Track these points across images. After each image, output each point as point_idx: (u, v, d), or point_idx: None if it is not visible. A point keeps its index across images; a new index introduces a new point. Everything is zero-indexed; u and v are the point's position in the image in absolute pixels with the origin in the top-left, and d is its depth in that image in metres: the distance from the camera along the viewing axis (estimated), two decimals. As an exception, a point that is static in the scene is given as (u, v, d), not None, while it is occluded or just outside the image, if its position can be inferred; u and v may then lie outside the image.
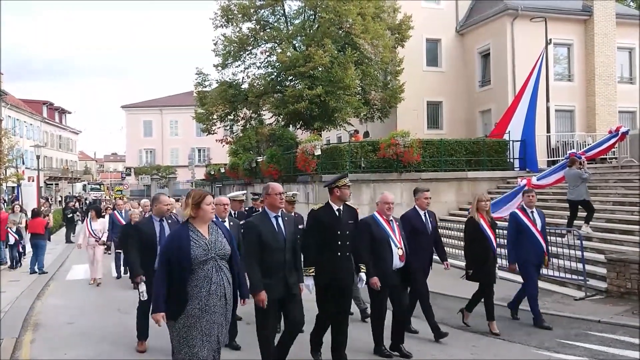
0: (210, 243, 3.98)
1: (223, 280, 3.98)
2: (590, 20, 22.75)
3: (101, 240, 11.99)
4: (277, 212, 5.06)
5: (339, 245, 5.42)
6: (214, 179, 31.89)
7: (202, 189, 4.11)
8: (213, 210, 4.10)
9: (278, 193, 5.04)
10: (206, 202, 4.01)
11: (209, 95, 23.07)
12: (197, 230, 3.99)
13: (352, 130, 21.58)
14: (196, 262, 3.87)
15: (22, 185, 30.85)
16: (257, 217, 5.20)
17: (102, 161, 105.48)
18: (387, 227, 5.92)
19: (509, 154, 17.40)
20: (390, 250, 5.82)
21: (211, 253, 3.94)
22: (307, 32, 21.14)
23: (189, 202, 4.01)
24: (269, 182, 5.29)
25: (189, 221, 4.03)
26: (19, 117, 47.64)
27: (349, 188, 5.57)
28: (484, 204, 7.02)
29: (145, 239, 6.16)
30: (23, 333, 7.60)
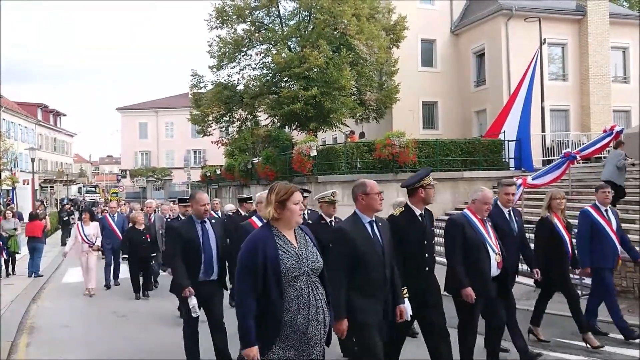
0: (302, 253, 3.16)
1: (321, 301, 3.15)
2: (584, 20, 22.83)
3: (95, 246, 11.04)
4: (372, 215, 4.09)
5: (426, 259, 4.56)
6: (210, 181, 31.83)
7: (288, 183, 3.26)
8: (302, 210, 3.29)
9: (378, 192, 4.10)
10: (294, 200, 3.17)
11: (204, 97, 23.03)
12: (284, 236, 3.17)
13: (348, 131, 21.59)
14: (287, 277, 3.05)
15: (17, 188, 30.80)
16: (349, 221, 4.15)
17: (98, 163, 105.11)
18: (482, 229, 5.03)
19: (504, 154, 17.44)
20: (487, 256, 4.94)
21: (304, 266, 3.12)
22: (302, 33, 21.15)
23: (272, 198, 3.19)
24: (363, 179, 4.23)
25: (271, 223, 3.22)
26: (13, 120, 47.43)
27: (434, 187, 4.66)
28: (559, 202, 6.22)
29: (186, 243, 5.35)
30: (19, 337, 7.57)
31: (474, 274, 4.84)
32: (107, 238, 11.54)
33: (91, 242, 10.94)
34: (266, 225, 3.24)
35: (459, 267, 4.81)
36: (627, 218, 10.91)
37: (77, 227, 11.16)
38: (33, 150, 28.90)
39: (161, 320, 8.28)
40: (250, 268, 3.10)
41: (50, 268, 14.70)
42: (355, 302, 3.87)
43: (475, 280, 4.82)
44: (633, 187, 12.54)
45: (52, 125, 60.43)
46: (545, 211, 6.25)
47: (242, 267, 3.14)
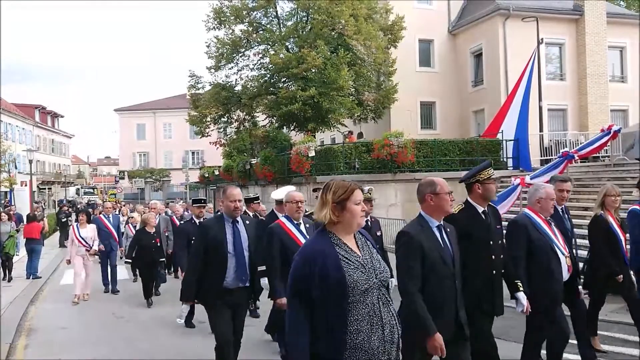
0: (367, 262, 2.66)
1: (394, 319, 2.67)
2: (582, 20, 22.88)
3: (93, 249, 10.47)
4: (441, 219, 3.59)
5: (493, 261, 4.02)
6: (208, 182, 31.83)
7: (345, 181, 2.79)
8: (364, 211, 2.80)
9: (448, 192, 3.60)
10: (354, 200, 2.69)
11: (202, 98, 23.02)
12: (344, 244, 2.68)
13: (346, 131, 21.61)
14: (356, 292, 2.55)
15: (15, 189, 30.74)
16: (414, 225, 3.57)
17: (96, 165, 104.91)
18: (549, 230, 4.54)
19: (502, 154, 17.47)
20: (558, 260, 4.47)
21: (372, 278, 2.63)
22: (300, 34, 21.16)
23: (328, 198, 2.70)
24: (431, 177, 3.74)
25: (328, 228, 2.72)
26: (11, 122, 47.35)
27: (494, 182, 4.15)
28: (613, 200, 5.67)
29: (211, 245, 4.72)
30: (17, 338, 7.56)
31: (544, 281, 4.37)
32: (102, 240, 11.01)
33: (88, 245, 10.39)
34: (322, 233, 2.73)
35: (520, 272, 4.31)
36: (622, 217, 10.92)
37: (73, 229, 10.56)
38: (31, 152, 28.84)
39: (160, 322, 8.27)
40: (302, 292, 2.57)
41: (49, 270, 14.67)
42: None
43: (545, 288, 4.36)
44: (626, 185, 12.56)
45: (49, 127, 60.36)
46: (599, 209, 5.71)
47: (294, 292, 2.61)
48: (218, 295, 4.64)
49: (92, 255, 10.54)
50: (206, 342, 6.93)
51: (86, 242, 10.36)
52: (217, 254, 4.67)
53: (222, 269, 4.66)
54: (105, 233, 11.15)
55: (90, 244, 10.41)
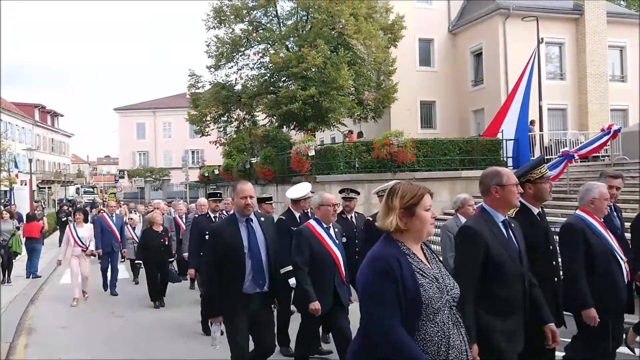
0: (439, 276, 2.44)
1: (464, 344, 2.43)
2: (582, 19, 22.87)
3: (89, 250, 10.05)
4: (506, 213, 3.27)
5: (554, 266, 3.72)
6: (208, 181, 31.83)
7: (413, 183, 2.56)
8: (434, 217, 2.58)
9: (515, 184, 3.27)
10: (424, 206, 2.46)
11: (202, 97, 22.99)
12: (414, 254, 2.44)
13: (347, 130, 21.59)
14: (429, 310, 2.33)
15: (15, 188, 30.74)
16: (478, 220, 3.24)
17: (95, 164, 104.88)
18: (605, 234, 4.13)
19: (502, 153, 17.46)
20: (619, 266, 4.06)
21: (444, 294, 2.40)
22: (300, 33, 21.14)
23: (395, 203, 2.47)
24: (496, 167, 3.41)
25: (394, 237, 2.47)
26: (10, 121, 47.34)
27: (548, 181, 3.79)
28: None
29: (227, 249, 4.33)
30: (17, 338, 7.56)
31: (605, 289, 3.96)
32: (105, 240, 10.56)
33: (85, 245, 9.96)
34: (389, 240, 2.47)
35: (583, 282, 3.89)
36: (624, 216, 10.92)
37: (70, 228, 10.08)
38: (31, 151, 28.88)
39: (161, 322, 8.27)
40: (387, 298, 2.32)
41: (48, 269, 14.65)
42: (490, 323, 2.96)
43: (608, 297, 3.96)
44: (626, 184, 12.54)
45: (49, 126, 60.36)
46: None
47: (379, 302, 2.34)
48: (235, 302, 4.28)
49: (87, 256, 10.13)
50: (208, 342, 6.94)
51: (82, 243, 9.93)
52: (233, 258, 4.28)
53: (240, 274, 4.28)
54: (108, 233, 10.67)
55: (86, 244, 9.99)
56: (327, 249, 4.84)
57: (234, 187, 4.58)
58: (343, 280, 4.94)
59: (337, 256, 4.90)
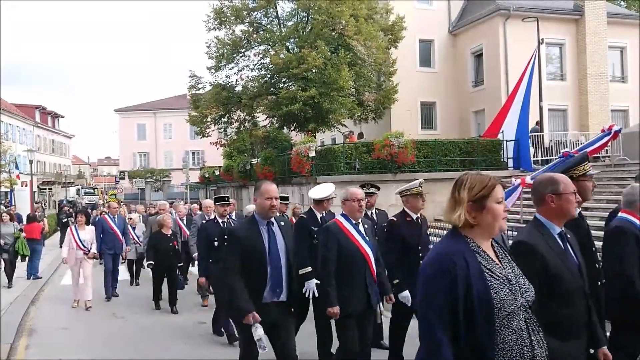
0: (511, 277, 2.18)
1: (544, 347, 2.19)
2: (582, 20, 22.88)
3: (91, 253, 9.73)
4: (562, 224, 2.92)
5: (596, 270, 3.44)
6: (209, 182, 31.82)
7: (480, 173, 2.32)
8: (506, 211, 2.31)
9: (573, 192, 2.95)
10: (496, 198, 2.22)
11: (203, 98, 23.02)
12: (483, 252, 2.19)
13: (347, 131, 21.60)
14: (501, 314, 2.08)
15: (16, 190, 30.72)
16: (532, 232, 2.87)
17: (96, 165, 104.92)
18: None
19: (502, 154, 17.47)
20: None
21: (518, 296, 2.14)
22: (300, 34, 21.16)
23: (463, 195, 2.23)
24: (551, 174, 3.12)
25: (462, 232, 2.22)
26: (11, 122, 47.38)
27: (591, 179, 3.60)
28: None
29: (247, 253, 4.05)
30: (18, 339, 7.56)
31: None
32: (107, 242, 10.31)
33: (87, 248, 9.64)
34: (455, 235, 2.23)
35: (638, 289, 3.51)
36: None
37: (71, 231, 9.77)
38: (31, 152, 28.88)
39: (161, 324, 8.28)
40: (441, 301, 2.07)
41: (49, 270, 14.67)
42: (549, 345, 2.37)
43: None
44: (626, 185, 12.54)
45: (50, 127, 60.41)
46: None
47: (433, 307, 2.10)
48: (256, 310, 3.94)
49: (90, 259, 9.81)
50: (207, 344, 6.95)
51: (84, 246, 9.61)
52: (254, 263, 4.02)
53: (262, 281, 4.00)
54: (110, 235, 10.42)
55: (88, 247, 9.69)
56: (356, 245, 4.55)
57: (256, 187, 4.25)
58: (374, 278, 4.66)
59: (367, 253, 4.58)
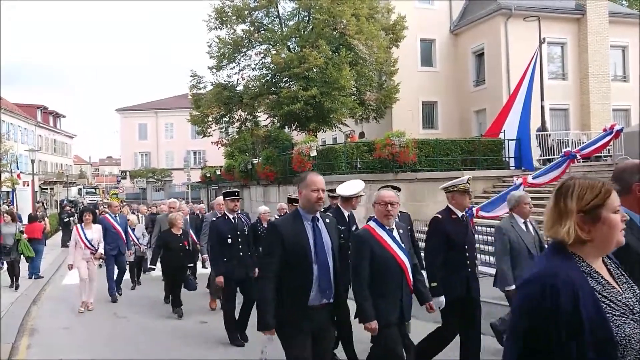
0: (635, 305, 1.74)
1: None
2: (584, 19, 22.84)
3: (98, 253, 9.40)
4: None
5: None
6: (210, 181, 31.85)
7: (589, 178, 1.89)
8: (624, 220, 1.87)
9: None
10: (613, 207, 1.79)
11: (204, 98, 23.03)
12: (597, 273, 1.76)
13: (348, 131, 21.60)
14: (629, 352, 1.66)
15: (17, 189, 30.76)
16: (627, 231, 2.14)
17: (97, 165, 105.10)
18: None
19: (504, 153, 17.46)
20: None
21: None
22: (302, 34, 21.15)
23: (571, 205, 1.81)
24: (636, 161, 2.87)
25: (572, 250, 1.80)
26: (12, 122, 47.45)
27: None
28: None
29: (291, 251, 3.62)
30: (19, 338, 7.56)
31: None
32: (110, 242, 10.01)
33: (94, 247, 9.30)
34: (561, 252, 1.80)
35: None
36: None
37: (77, 230, 9.40)
38: (33, 152, 28.88)
39: (162, 324, 8.27)
40: (540, 336, 1.67)
41: (51, 269, 14.68)
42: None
43: None
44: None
45: (51, 127, 60.48)
46: None
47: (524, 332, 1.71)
48: (300, 317, 3.59)
49: (97, 259, 9.52)
50: (208, 344, 6.94)
51: (91, 245, 9.26)
52: (300, 262, 3.63)
53: (307, 281, 3.63)
54: (112, 234, 10.16)
55: (95, 246, 9.34)
56: (390, 252, 4.13)
57: (301, 178, 3.82)
58: (410, 289, 4.26)
59: (404, 261, 4.17)
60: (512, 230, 5.31)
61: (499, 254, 5.44)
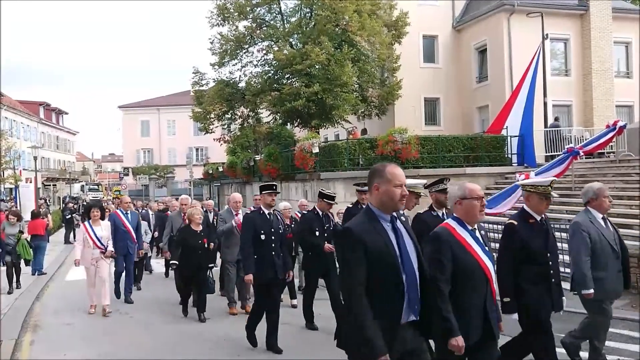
0: None
1: None
2: (587, 15, 22.74)
3: (108, 251, 8.79)
4: None
5: None
6: (212, 178, 31.88)
7: None
8: None
9: None
10: None
11: (206, 94, 23.05)
12: None
13: (351, 127, 21.58)
14: None
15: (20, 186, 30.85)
16: None
17: (100, 161, 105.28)
18: None
19: (507, 150, 17.43)
20: None
21: None
22: (304, 30, 21.12)
23: None
24: None
25: None
26: (15, 119, 47.51)
27: None
28: None
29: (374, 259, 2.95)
30: (22, 334, 7.59)
31: None
32: (120, 241, 9.33)
33: (104, 246, 8.71)
34: None
35: None
36: (627, 213, 10.90)
37: (85, 227, 8.77)
38: (36, 149, 28.94)
39: (164, 320, 8.29)
40: None
41: (54, 266, 14.73)
42: None
43: None
44: (631, 181, 12.54)
45: (54, 124, 60.56)
46: None
47: None
48: (390, 338, 2.95)
49: (107, 258, 8.87)
50: (211, 343, 6.95)
51: (101, 243, 8.69)
52: (389, 273, 3.00)
53: (399, 296, 3.02)
54: (122, 233, 9.41)
55: (105, 244, 8.76)
56: (475, 258, 3.50)
57: (377, 171, 3.19)
58: (494, 300, 3.62)
59: (489, 268, 3.54)
60: (591, 226, 4.90)
61: (578, 254, 4.93)
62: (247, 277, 6.39)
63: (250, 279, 6.30)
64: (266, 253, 6.29)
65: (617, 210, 11.38)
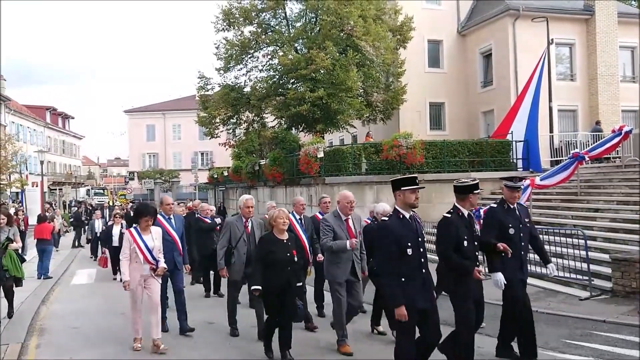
0: None
1: None
2: (592, 20, 22.72)
3: (161, 268, 6.75)
4: None
5: None
6: (217, 183, 31.93)
7: None
8: None
9: None
10: None
11: (212, 99, 23.11)
12: None
13: (356, 131, 21.60)
14: None
15: (26, 190, 31.04)
16: None
17: (106, 166, 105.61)
18: None
19: (512, 155, 17.40)
20: None
21: None
22: (309, 35, 21.18)
23: None
24: None
25: None
26: (22, 123, 47.83)
27: None
28: None
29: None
30: (28, 338, 7.63)
31: None
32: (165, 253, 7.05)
33: (156, 260, 6.72)
34: None
35: None
36: (633, 218, 10.84)
37: (133, 236, 6.65)
38: (42, 153, 29.11)
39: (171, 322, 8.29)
40: None
41: (60, 270, 14.78)
42: None
43: None
44: (637, 186, 12.48)
45: (60, 128, 60.92)
46: None
47: None
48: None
49: (159, 276, 6.82)
50: (216, 344, 6.95)
51: (153, 257, 6.68)
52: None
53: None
54: (167, 243, 7.26)
55: (156, 257, 6.74)
56: None
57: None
58: None
59: None
60: None
61: None
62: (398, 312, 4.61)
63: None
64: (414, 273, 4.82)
65: (623, 216, 11.35)
